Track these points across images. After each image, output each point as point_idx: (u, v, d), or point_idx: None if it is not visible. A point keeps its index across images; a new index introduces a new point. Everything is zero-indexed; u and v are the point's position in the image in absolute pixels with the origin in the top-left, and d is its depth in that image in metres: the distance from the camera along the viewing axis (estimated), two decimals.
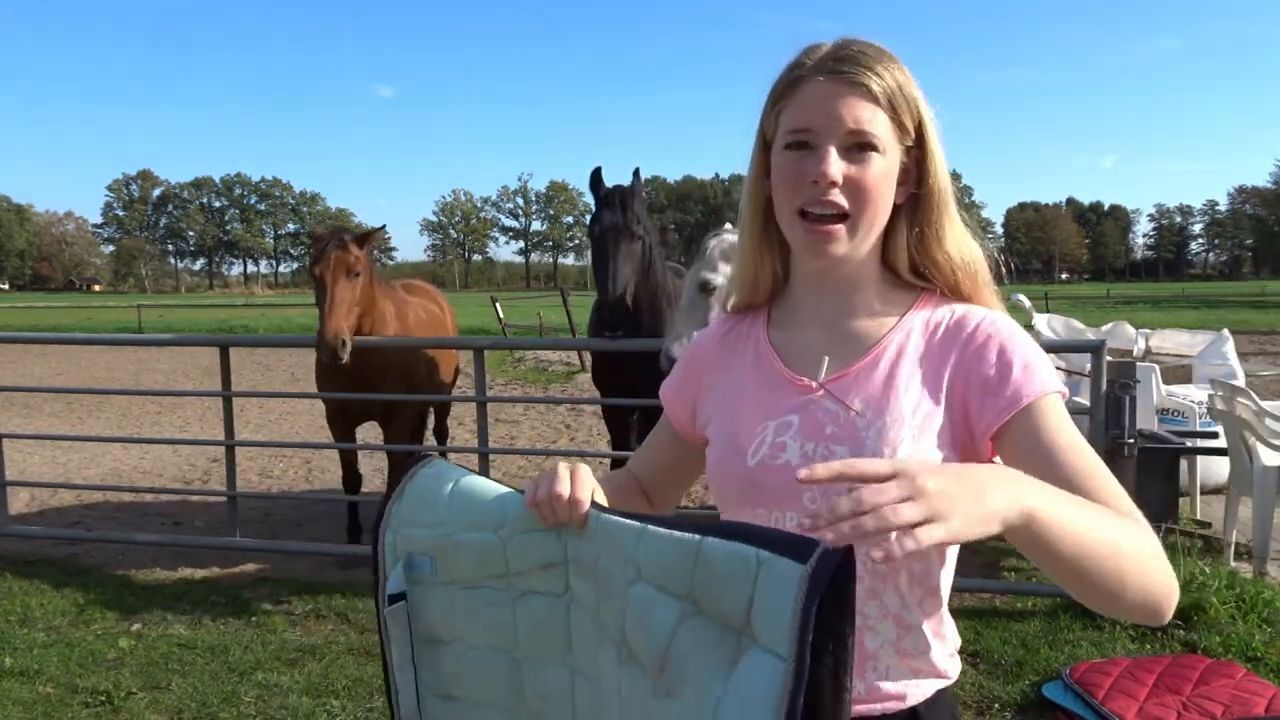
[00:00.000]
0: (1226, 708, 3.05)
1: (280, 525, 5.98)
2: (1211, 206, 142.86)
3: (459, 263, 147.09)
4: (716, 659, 0.86)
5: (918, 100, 1.07)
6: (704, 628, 0.87)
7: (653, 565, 0.93)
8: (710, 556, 0.87)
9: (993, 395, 1.02)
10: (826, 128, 1.03)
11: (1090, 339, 6.28)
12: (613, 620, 0.97)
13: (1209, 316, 28.75)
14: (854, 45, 1.06)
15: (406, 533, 1.12)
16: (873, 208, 1.05)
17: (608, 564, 0.98)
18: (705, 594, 0.87)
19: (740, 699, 0.82)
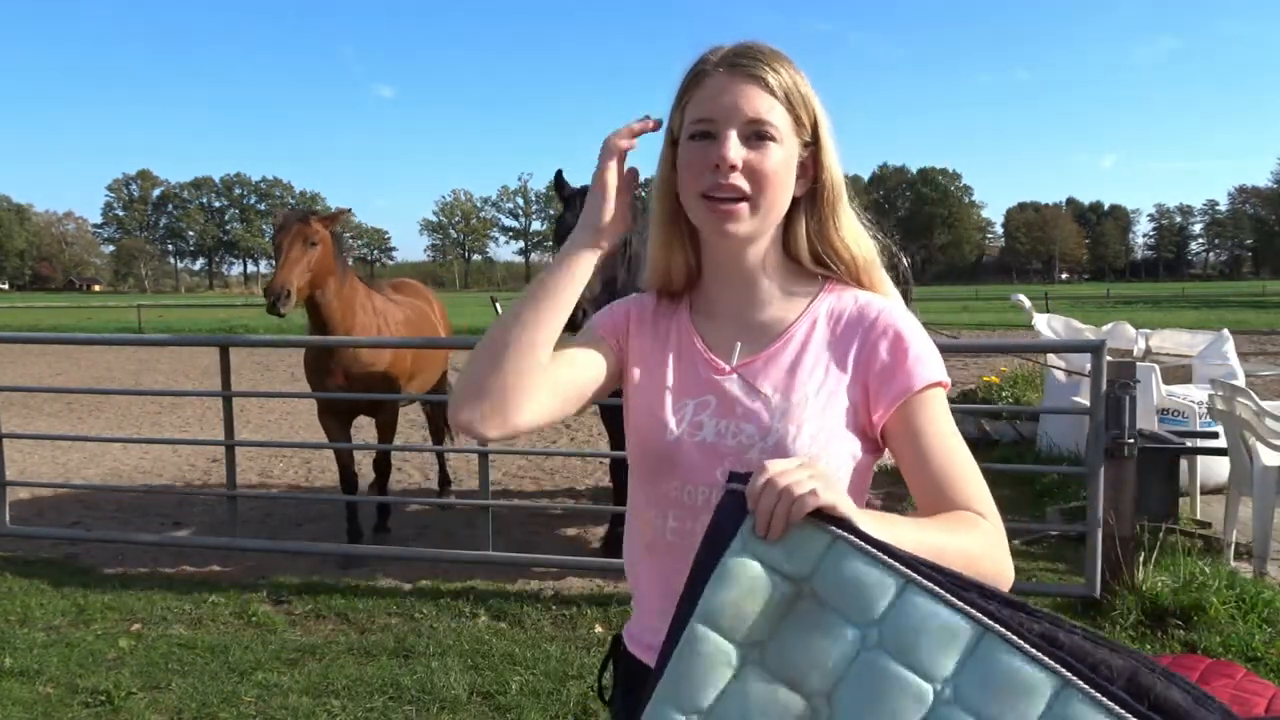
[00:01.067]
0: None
1: (280, 525, 5.98)
2: (1211, 206, 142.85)
3: (459, 263, 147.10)
4: (812, 621, 0.85)
5: (813, 99, 1.16)
6: (781, 637, 0.86)
7: (701, 692, 0.87)
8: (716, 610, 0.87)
9: (887, 383, 1.12)
10: (727, 117, 1.11)
11: (1090, 339, 6.27)
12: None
13: (1209, 316, 28.76)
14: (753, 45, 1.15)
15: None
16: (771, 191, 1.12)
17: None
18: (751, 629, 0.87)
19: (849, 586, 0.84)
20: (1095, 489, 3.94)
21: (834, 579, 0.85)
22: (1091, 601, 3.97)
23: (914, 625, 0.82)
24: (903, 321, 1.15)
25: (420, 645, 3.85)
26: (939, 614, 0.82)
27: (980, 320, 27.37)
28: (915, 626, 0.82)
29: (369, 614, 4.24)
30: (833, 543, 0.86)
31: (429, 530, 5.79)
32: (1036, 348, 6.64)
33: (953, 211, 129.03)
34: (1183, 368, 6.91)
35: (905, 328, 1.14)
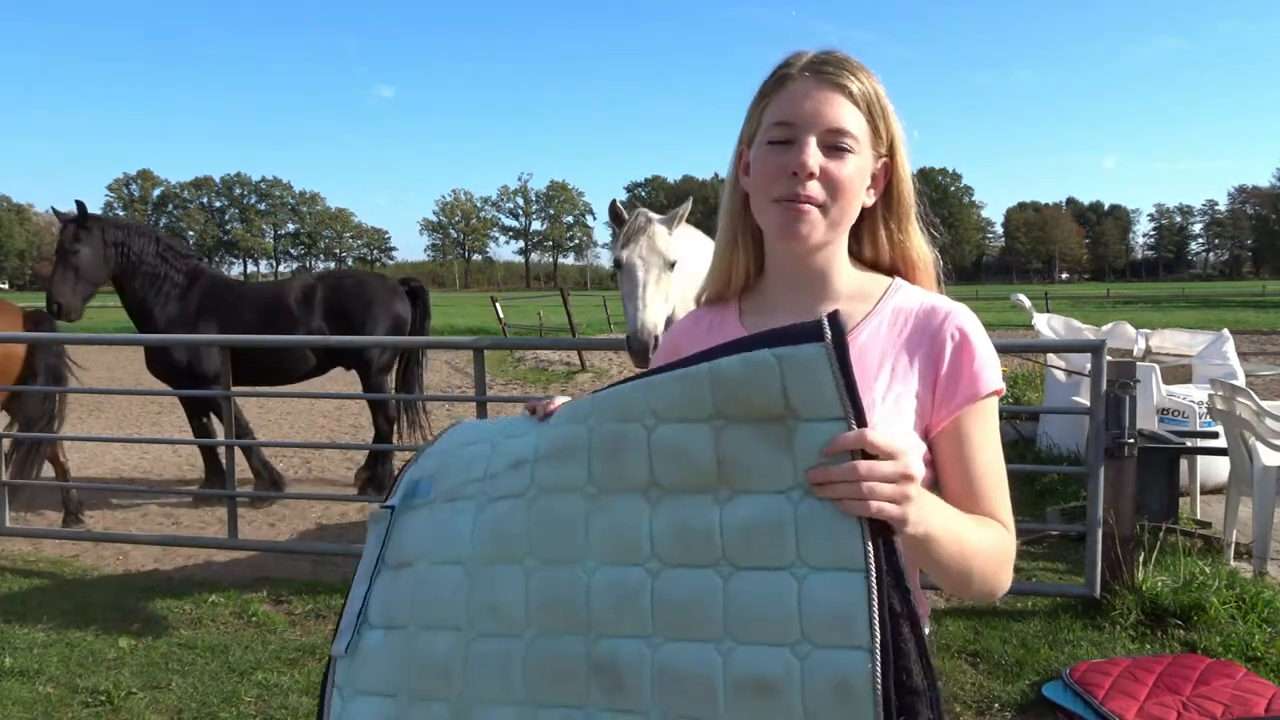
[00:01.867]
0: (1226, 707, 3.05)
1: (280, 525, 5.98)
2: (1211, 206, 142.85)
3: (459, 263, 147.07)
4: (769, 444, 0.93)
5: (891, 112, 1.16)
6: (744, 429, 0.94)
7: (669, 406, 0.98)
8: (726, 375, 0.95)
9: (953, 387, 1.13)
10: (808, 123, 1.10)
11: (1090, 339, 6.27)
12: (632, 473, 0.99)
13: (1209, 316, 28.75)
14: (838, 53, 1.15)
15: (423, 463, 1.18)
16: (844, 201, 1.12)
17: (614, 432, 1.01)
18: (733, 406, 0.94)
19: (812, 461, 0.91)
20: (1095, 489, 3.93)
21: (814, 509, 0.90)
22: (1091, 601, 3.97)
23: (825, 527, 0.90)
24: (970, 325, 1.15)
25: None
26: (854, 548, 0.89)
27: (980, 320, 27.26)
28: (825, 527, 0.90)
29: None
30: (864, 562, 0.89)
31: None
32: (1036, 348, 6.63)
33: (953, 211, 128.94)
34: (1183, 368, 6.91)
35: (973, 332, 1.14)
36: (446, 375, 15.39)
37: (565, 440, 1.04)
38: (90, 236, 5.94)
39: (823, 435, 0.91)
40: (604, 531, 0.99)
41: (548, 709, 0.99)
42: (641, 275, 3.51)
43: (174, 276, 6.17)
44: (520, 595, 1.02)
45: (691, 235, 4.05)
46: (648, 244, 3.52)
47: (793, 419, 0.92)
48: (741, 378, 0.94)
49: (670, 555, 0.96)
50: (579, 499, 1.02)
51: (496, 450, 1.11)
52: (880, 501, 0.88)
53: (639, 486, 0.99)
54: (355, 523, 5.97)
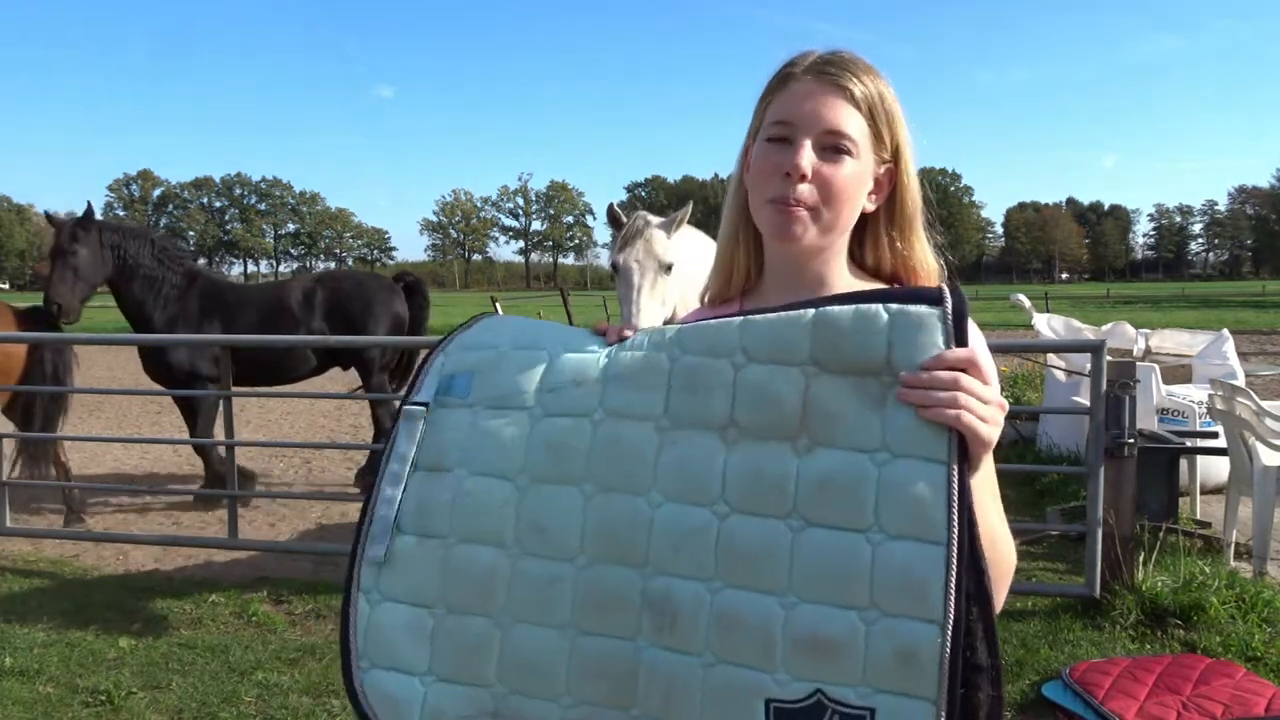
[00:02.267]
0: (1226, 707, 3.05)
1: (280, 525, 5.98)
2: (1211, 206, 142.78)
3: (459, 262, 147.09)
4: (860, 400, 0.91)
5: (897, 116, 1.13)
6: (837, 381, 0.92)
7: (763, 346, 0.96)
8: (831, 321, 0.93)
9: None
10: (806, 124, 1.09)
11: (1090, 339, 6.28)
12: (712, 410, 0.96)
13: (1209, 316, 28.76)
14: (845, 54, 1.13)
15: (459, 355, 1.09)
16: (838, 205, 1.10)
17: (698, 365, 0.98)
18: (831, 355, 0.93)
19: (905, 426, 0.89)
20: (1095, 489, 3.93)
21: (908, 478, 0.89)
22: (1091, 601, 3.97)
23: (913, 486, 0.89)
24: (974, 342, 1.11)
25: None
26: (932, 503, 0.88)
27: (980, 320, 26.65)
28: (913, 487, 0.89)
29: None
30: (941, 464, 0.89)
31: None
32: (1036, 348, 6.64)
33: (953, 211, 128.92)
34: (1183, 368, 6.91)
35: (977, 349, 1.12)
36: None
37: (643, 366, 1.00)
38: (88, 238, 5.94)
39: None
40: (673, 466, 0.96)
41: (593, 637, 0.96)
42: (637, 279, 3.52)
43: (171, 279, 6.17)
44: (576, 520, 0.98)
45: (692, 237, 4.05)
46: (644, 248, 3.54)
47: (890, 377, 0.90)
48: (847, 327, 0.92)
49: (741, 501, 0.93)
50: (651, 429, 0.97)
51: (556, 362, 1.04)
52: (973, 418, 0.88)
53: (717, 425, 0.95)
54: (355, 523, 5.96)
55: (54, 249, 5.96)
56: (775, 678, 0.89)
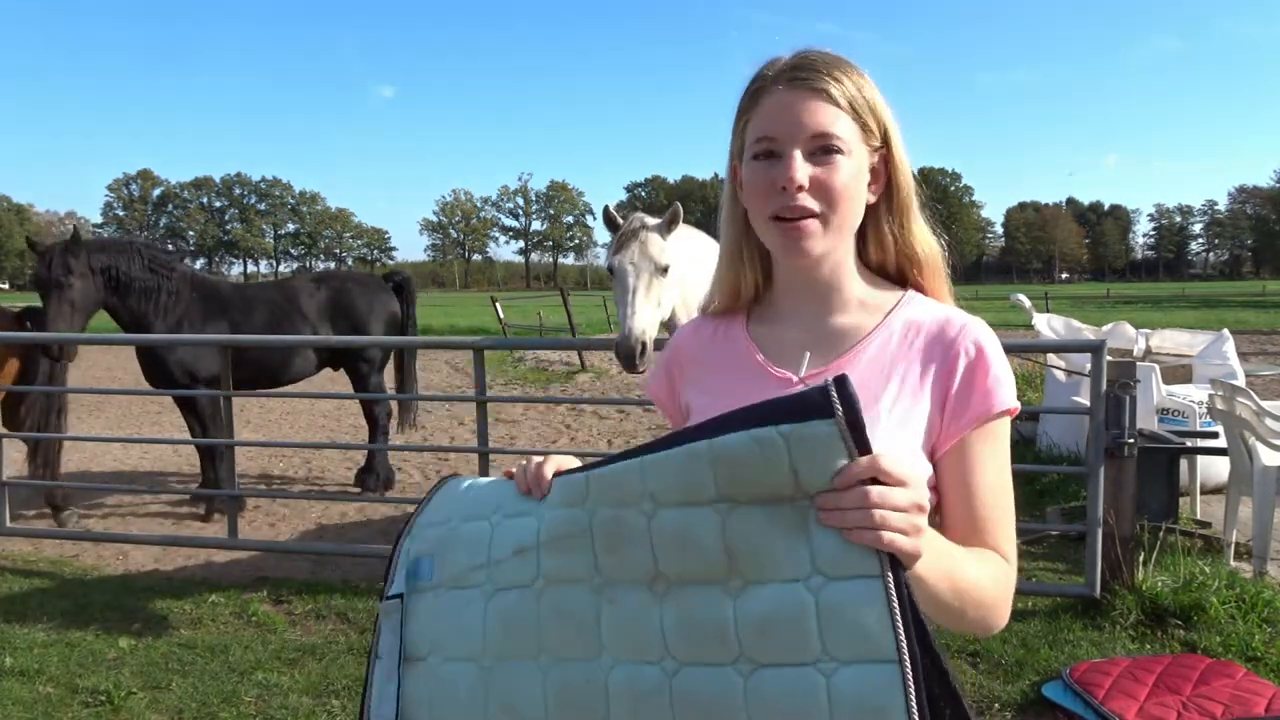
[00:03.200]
0: (1226, 707, 3.05)
1: (280, 525, 5.98)
2: (1211, 206, 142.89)
3: (459, 262, 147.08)
4: (782, 529, 0.87)
5: (879, 103, 1.11)
6: (753, 513, 0.88)
7: (668, 489, 0.92)
8: (729, 455, 0.88)
9: (963, 404, 1.08)
10: (790, 134, 1.06)
11: (1090, 339, 6.27)
12: (636, 565, 0.93)
13: (1209, 316, 28.75)
14: (812, 54, 1.10)
15: (422, 536, 1.11)
16: (843, 206, 1.08)
17: (610, 517, 0.95)
18: (739, 488, 0.88)
19: (830, 547, 0.85)
20: (1095, 489, 3.93)
21: (847, 601, 0.85)
22: (1091, 601, 3.97)
23: (854, 610, 0.84)
24: (985, 340, 1.10)
25: None
26: (877, 624, 0.83)
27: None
28: (854, 611, 0.84)
29: (369, 614, 4.24)
30: (876, 579, 0.84)
31: None
32: (1036, 348, 6.63)
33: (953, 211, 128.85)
34: (1183, 368, 6.91)
35: (989, 347, 1.09)
36: (447, 375, 15.39)
37: (566, 527, 0.98)
38: (78, 264, 5.62)
39: None
40: (616, 627, 0.94)
41: None
42: (632, 281, 3.52)
43: (167, 286, 6.01)
44: (538, 694, 0.97)
45: (692, 238, 4.04)
46: (639, 250, 3.54)
47: (804, 500, 0.86)
48: (745, 457, 0.87)
49: (684, 653, 0.90)
50: (586, 591, 0.96)
51: (497, 531, 1.04)
52: (893, 533, 0.83)
53: (645, 578, 0.93)
54: (355, 523, 5.98)
55: (45, 281, 5.54)
56: None
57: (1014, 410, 1.09)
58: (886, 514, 0.83)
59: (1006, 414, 1.08)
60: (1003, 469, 1.09)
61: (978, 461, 1.07)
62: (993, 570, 1.02)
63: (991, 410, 1.07)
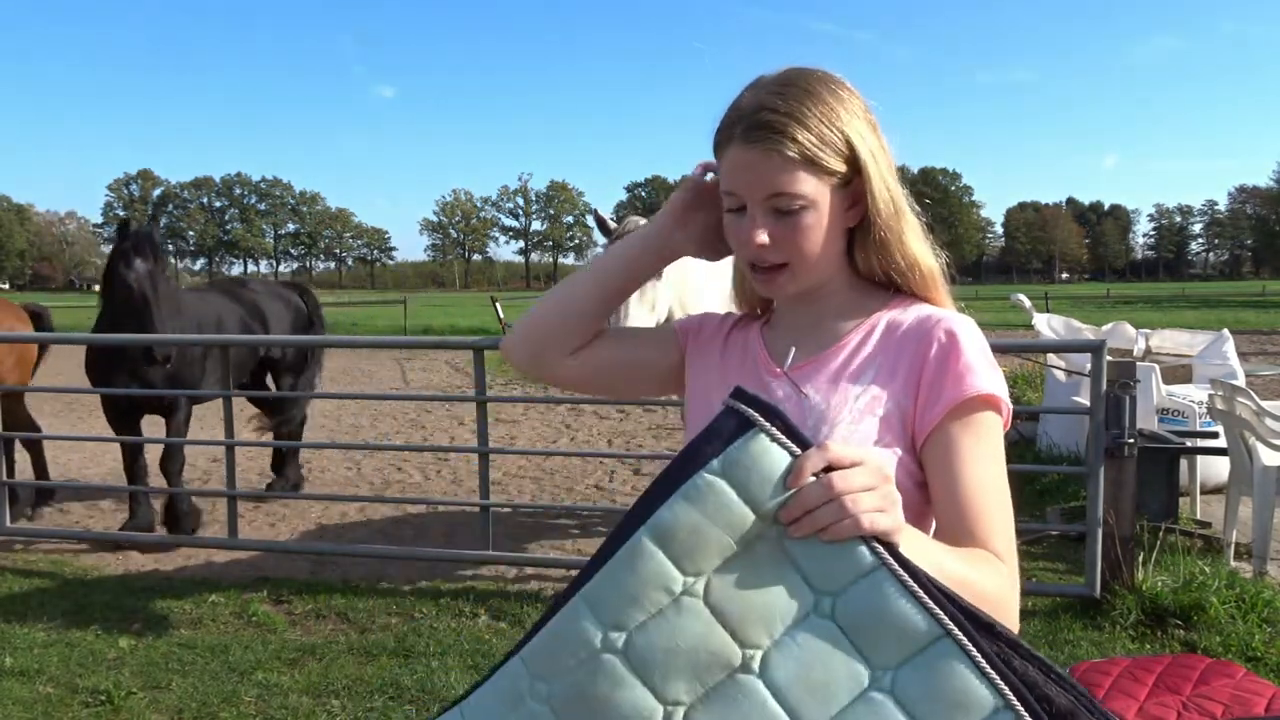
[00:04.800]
0: (1226, 707, 3.05)
1: (280, 525, 5.98)
2: (1211, 206, 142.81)
3: (459, 262, 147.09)
4: (769, 571, 0.80)
5: (843, 134, 1.08)
6: (729, 575, 0.80)
7: (627, 609, 0.81)
8: (671, 527, 0.80)
9: (935, 390, 1.07)
10: (749, 193, 1.09)
11: (1090, 339, 6.27)
12: (643, 712, 0.80)
13: (1209, 316, 28.75)
14: (767, 106, 1.07)
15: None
16: (808, 254, 1.11)
17: (571, 686, 0.82)
18: (701, 557, 0.80)
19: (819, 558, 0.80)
20: (1095, 489, 3.94)
21: (864, 604, 0.79)
22: (1091, 601, 3.97)
23: (874, 609, 0.78)
24: (961, 330, 1.10)
25: (420, 645, 3.85)
26: (902, 608, 0.77)
27: (980, 320, 26.43)
28: (875, 611, 0.78)
29: (369, 614, 4.24)
30: (876, 568, 0.78)
31: (429, 530, 5.79)
32: (1036, 348, 6.64)
33: (953, 211, 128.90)
34: (1183, 368, 6.91)
35: (963, 335, 1.09)
36: (447, 375, 15.40)
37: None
38: (162, 259, 5.20)
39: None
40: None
41: None
42: None
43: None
44: None
45: None
46: None
47: (772, 527, 0.80)
48: (690, 520, 0.79)
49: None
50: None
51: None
52: (869, 513, 0.79)
53: (655, 718, 0.80)
54: (355, 523, 5.98)
55: (143, 278, 4.98)
56: None
57: (993, 397, 1.06)
58: (855, 496, 0.79)
59: (985, 402, 1.05)
60: (989, 462, 1.05)
61: (959, 451, 1.04)
62: (986, 570, 0.96)
63: (964, 394, 1.04)
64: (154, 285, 5.02)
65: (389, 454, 8.12)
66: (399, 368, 16.66)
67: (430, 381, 14.47)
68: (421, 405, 11.07)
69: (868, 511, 0.79)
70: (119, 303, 5.08)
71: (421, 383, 14.41)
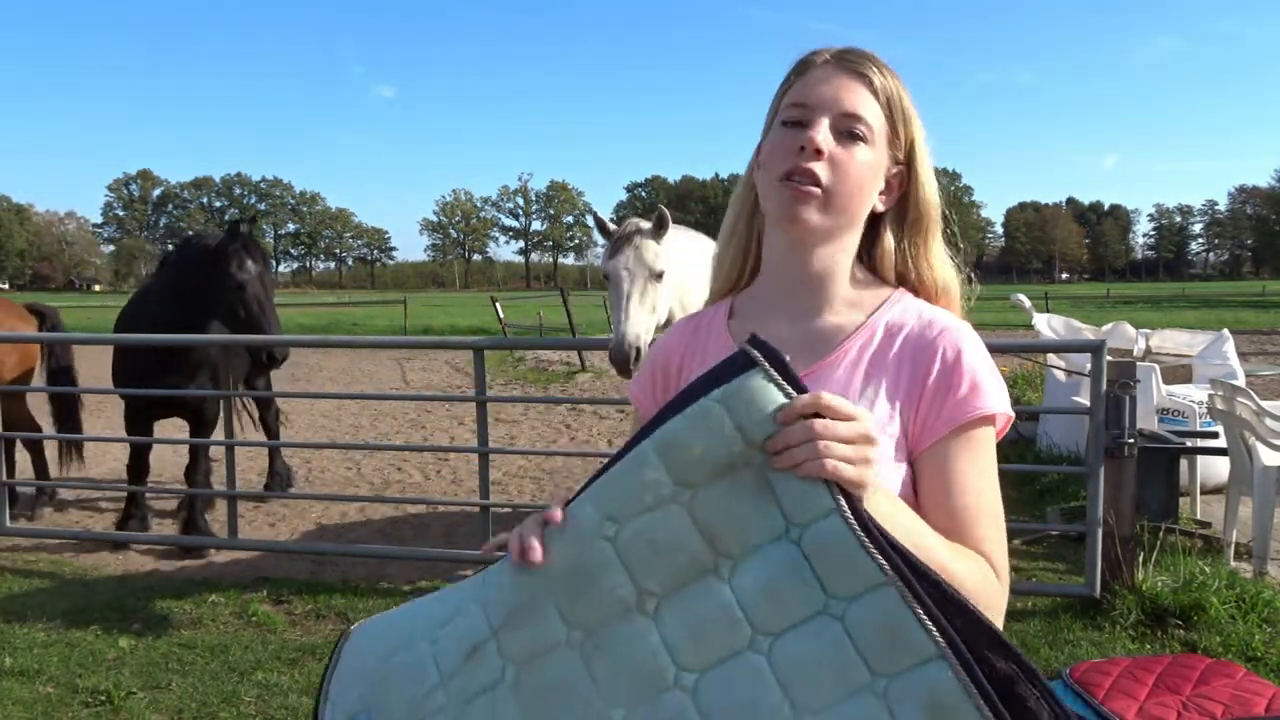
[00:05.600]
0: (1226, 708, 3.05)
1: (280, 525, 5.98)
2: (1211, 206, 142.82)
3: (459, 262, 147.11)
4: (747, 494, 0.87)
5: (914, 117, 1.13)
6: (715, 490, 0.88)
7: (624, 505, 0.90)
8: (671, 439, 0.89)
9: (935, 410, 1.05)
10: (823, 105, 1.09)
11: (1090, 339, 6.27)
12: (613, 596, 0.89)
13: (1209, 316, 28.74)
14: (866, 50, 1.14)
15: (343, 695, 1.03)
16: (848, 188, 1.08)
17: (572, 561, 0.91)
18: (693, 471, 0.88)
19: (793, 493, 0.86)
20: (1095, 489, 3.94)
21: (823, 540, 0.85)
22: (1091, 601, 3.97)
23: (830, 547, 0.84)
24: (966, 344, 1.07)
25: None
26: (853, 551, 0.83)
27: (980, 320, 26.65)
28: (830, 548, 0.84)
29: (369, 614, 4.23)
30: (832, 512, 0.85)
31: (429, 530, 5.79)
32: (1036, 348, 6.63)
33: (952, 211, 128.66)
34: (1183, 368, 6.91)
35: (968, 351, 1.06)
36: (447, 375, 15.39)
37: (520, 598, 0.93)
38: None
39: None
40: (614, 673, 0.87)
41: None
42: (626, 287, 3.53)
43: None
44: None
45: (690, 238, 4.04)
46: (634, 255, 3.55)
47: (759, 456, 0.86)
48: (688, 437, 0.88)
49: (698, 659, 0.85)
50: (566, 653, 0.89)
51: (438, 646, 0.97)
52: (836, 460, 0.84)
53: (629, 605, 0.88)
54: (355, 523, 5.98)
55: (255, 281, 4.97)
56: None
57: (995, 416, 1.05)
58: (829, 444, 0.84)
59: (986, 421, 1.05)
60: (984, 475, 1.05)
61: (956, 465, 1.03)
62: (968, 564, 0.97)
63: (967, 415, 1.03)
64: (265, 287, 5.06)
65: (389, 454, 8.12)
66: (399, 368, 16.66)
67: (430, 381, 14.47)
68: (421, 405, 11.06)
69: (837, 459, 0.85)
70: (226, 304, 4.98)
71: (421, 383, 14.41)
